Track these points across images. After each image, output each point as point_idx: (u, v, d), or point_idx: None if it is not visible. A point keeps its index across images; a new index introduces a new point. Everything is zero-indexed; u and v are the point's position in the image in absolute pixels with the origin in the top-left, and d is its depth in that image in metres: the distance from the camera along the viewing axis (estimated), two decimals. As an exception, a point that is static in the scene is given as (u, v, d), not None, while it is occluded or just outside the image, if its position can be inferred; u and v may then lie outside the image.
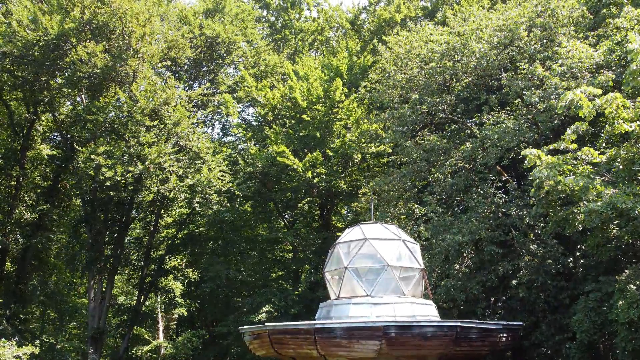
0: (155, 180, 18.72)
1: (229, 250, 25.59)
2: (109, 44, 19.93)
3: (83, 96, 22.95)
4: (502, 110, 17.12)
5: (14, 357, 14.19)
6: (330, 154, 20.89)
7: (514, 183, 16.70)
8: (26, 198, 29.54)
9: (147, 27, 19.47)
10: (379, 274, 11.10)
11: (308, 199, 22.47)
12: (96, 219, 23.86)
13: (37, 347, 15.61)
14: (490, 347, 9.65)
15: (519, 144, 15.01)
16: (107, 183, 17.80)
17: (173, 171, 19.04)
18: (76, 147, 19.56)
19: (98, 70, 19.05)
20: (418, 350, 9.10)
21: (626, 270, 10.56)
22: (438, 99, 17.08)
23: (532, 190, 11.11)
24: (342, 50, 23.78)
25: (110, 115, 19.32)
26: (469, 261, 15.40)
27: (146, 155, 18.27)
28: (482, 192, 15.36)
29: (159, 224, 27.20)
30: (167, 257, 26.89)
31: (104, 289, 24.58)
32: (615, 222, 10.21)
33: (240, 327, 11.10)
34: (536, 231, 15.10)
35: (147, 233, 27.34)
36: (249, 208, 27.72)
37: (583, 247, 15.98)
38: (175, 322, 41.16)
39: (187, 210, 27.36)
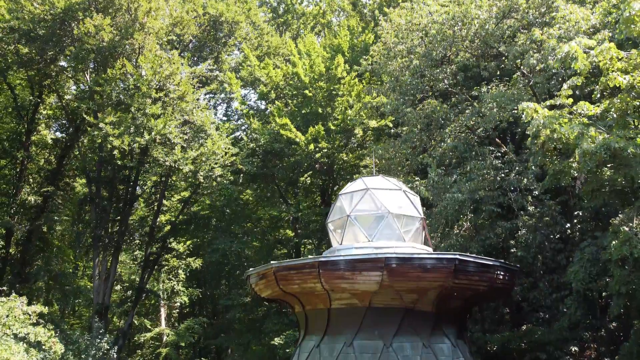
0: (161, 152, 19.09)
1: (231, 230, 25.97)
2: (115, 20, 20.30)
3: (88, 76, 23.32)
4: (501, 83, 17.51)
5: (24, 313, 14.55)
6: (332, 127, 21.23)
7: (512, 154, 17.03)
8: (31, 180, 29.90)
9: (153, 2, 19.84)
10: (380, 221, 11.43)
11: (310, 172, 22.81)
12: (101, 197, 24.22)
13: (46, 308, 15.97)
14: (488, 284, 9.96)
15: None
16: (115, 152, 18.15)
17: (178, 142, 19.39)
18: (84, 116, 19.90)
19: (105, 44, 19.42)
20: (418, 282, 9.43)
21: (620, 215, 10.90)
22: (438, 70, 17.46)
23: (529, 139, 11.43)
24: (343, 28, 24.16)
25: (117, 90, 19.63)
26: (468, 223, 15.76)
27: (152, 127, 18.63)
28: (481, 156, 15.74)
29: (162, 205, 27.55)
30: (170, 236, 27.20)
31: (108, 266, 24.91)
32: (609, 165, 10.55)
33: (246, 271, 11.45)
34: (534, 193, 15.47)
35: (151, 214, 27.68)
36: (250, 193, 28.10)
37: (580, 214, 16.40)
38: (178, 310, 41.62)
39: (190, 190, 27.77)
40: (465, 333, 11.35)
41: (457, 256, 9.37)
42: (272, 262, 10.19)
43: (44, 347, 15.49)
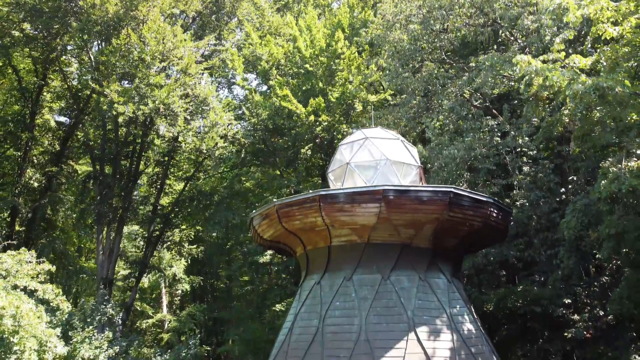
0: (165, 121, 19.51)
1: (232, 206, 26.43)
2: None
3: (92, 56, 23.74)
4: (498, 52, 17.94)
5: (32, 269, 14.92)
6: (332, 99, 21.63)
7: (507, 124, 17.43)
8: (35, 161, 30.40)
9: (156, -24, 20.22)
10: (379, 168, 11.84)
11: (310, 145, 23.20)
12: (104, 175, 24.65)
13: (53, 267, 16.35)
14: (482, 220, 10.37)
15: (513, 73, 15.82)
16: (120, 119, 18.57)
17: (181, 112, 19.77)
18: (90, 83, 20.29)
19: (110, 16, 19.83)
20: (414, 214, 9.83)
21: (609, 159, 11.31)
22: (436, 38, 17.89)
23: (522, 87, 11.82)
24: (344, 5, 24.57)
25: (121, 62, 19.98)
26: (466, 184, 16.17)
27: (156, 96, 19.03)
28: (477, 120, 16.17)
29: (165, 184, 28.00)
30: (173, 214, 27.61)
31: (112, 241, 25.31)
32: (598, 108, 10.95)
33: (250, 214, 11.87)
34: (529, 153, 15.90)
35: (154, 193, 28.14)
36: (251, 182, 28.48)
37: (574, 178, 16.84)
38: (179, 298, 42.16)
39: (193, 167, 28.21)
40: (461, 274, 11.78)
41: (452, 189, 9.79)
42: (274, 200, 10.58)
43: (51, 304, 15.88)
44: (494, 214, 10.57)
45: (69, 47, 26.68)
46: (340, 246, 10.71)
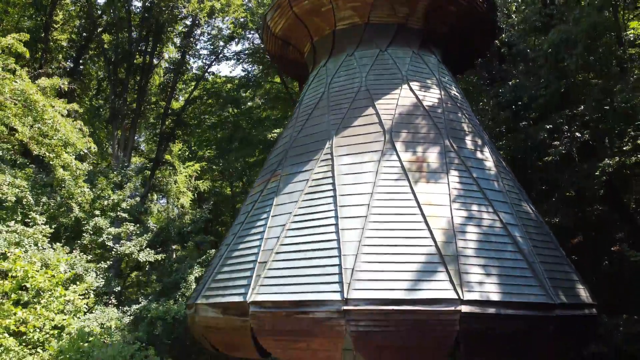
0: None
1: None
2: None
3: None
4: None
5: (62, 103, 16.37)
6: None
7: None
8: (50, 71, 31.74)
9: None
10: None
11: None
12: (117, 76, 25.96)
13: (81, 109, 17.81)
14: (469, 3, 11.80)
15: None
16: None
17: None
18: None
19: None
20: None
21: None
22: None
23: None
24: None
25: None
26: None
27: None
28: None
29: (176, 88, 29.39)
30: (186, 109, 29.01)
31: (127, 136, 26.78)
32: None
33: (263, 14, 13.30)
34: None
35: (165, 96, 29.58)
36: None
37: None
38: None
39: (203, 69, 29.64)
40: (449, 64, 13.23)
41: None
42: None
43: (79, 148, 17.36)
44: (480, 1, 11.99)
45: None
46: (344, 29, 12.17)
